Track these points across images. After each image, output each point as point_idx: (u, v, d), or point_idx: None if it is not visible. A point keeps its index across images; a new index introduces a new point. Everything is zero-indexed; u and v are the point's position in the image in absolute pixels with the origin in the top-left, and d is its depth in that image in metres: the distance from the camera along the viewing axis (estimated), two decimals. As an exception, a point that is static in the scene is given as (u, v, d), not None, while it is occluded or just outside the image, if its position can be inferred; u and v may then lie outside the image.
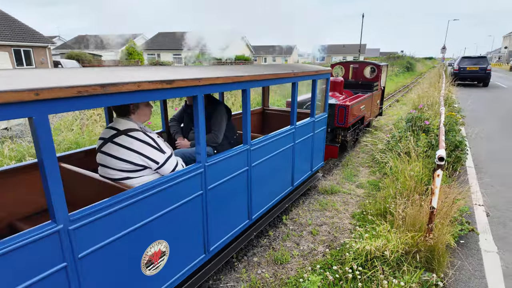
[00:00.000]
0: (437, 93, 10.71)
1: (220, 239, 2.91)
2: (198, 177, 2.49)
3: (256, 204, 3.41)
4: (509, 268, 3.28)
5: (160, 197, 2.16)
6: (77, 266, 1.72)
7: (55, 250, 1.61)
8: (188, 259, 2.55)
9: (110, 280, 1.94)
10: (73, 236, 1.67)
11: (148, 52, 42.30)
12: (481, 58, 21.62)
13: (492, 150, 7.28)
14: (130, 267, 2.05)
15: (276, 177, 3.77)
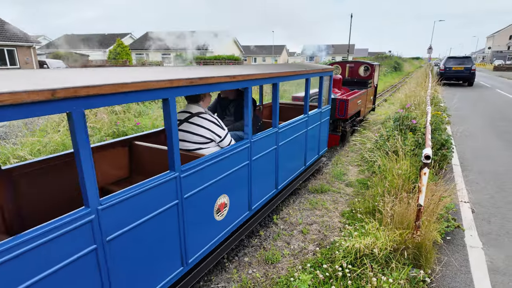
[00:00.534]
0: (424, 92, 10.91)
1: (259, 200, 3.73)
2: (246, 150, 3.25)
3: (281, 176, 4.20)
4: (494, 263, 3.37)
5: (223, 163, 2.90)
6: (183, 203, 2.46)
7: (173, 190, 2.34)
8: (240, 212, 3.37)
9: (199, 219, 2.71)
10: (180, 181, 2.37)
11: (137, 52, 41.78)
12: (466, 58, 22.11)
13: (477, 148, 7.47)
14: (208, 213, 2.83)
15: (294, 156, 4.57)
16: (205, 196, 2.73)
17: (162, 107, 2.22)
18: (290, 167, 4.47)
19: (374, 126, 9.34)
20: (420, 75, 21.77)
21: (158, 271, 2.34)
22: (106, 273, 1.91)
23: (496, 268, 3.28)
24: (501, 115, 11.54)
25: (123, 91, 1.81)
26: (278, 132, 3.83)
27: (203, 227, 2.78)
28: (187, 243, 2.58)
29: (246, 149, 3.24)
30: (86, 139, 1.67)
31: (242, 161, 3.22)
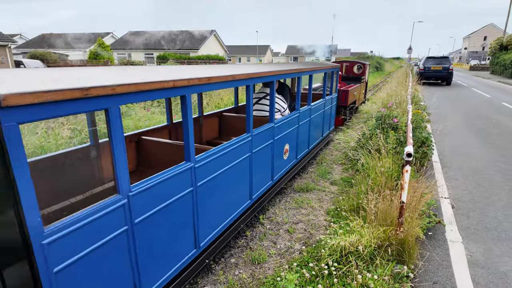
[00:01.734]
0: (405, 91, 11.17)
1: (302, 152, 5.64)
2: (296, 119, 5.05)
3: (311, 140, 6.05)
4: (473, 257, 3.48)
5: (285, 125, 4.62)
6: (252, 156, 3.62)
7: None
8: (292, 157, 5.17)
9: (270, 158, 4.23)
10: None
11: (119, 52, 40.90)
12: (444, 58, 22.81)
13: (455, 145, 7.71)
14: (281, 153, 4.61)
15: (318, 127, 6.48)
16: (280, 143, 4.47)
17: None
18: (315, 135, 6.40)
19: (357, 125, 9.49)
20: (401, 74, 22.30)
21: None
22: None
23: (475, 262, 3.39)
24: (477, 113, 11.97)
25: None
26: (311, 108, 5.77)
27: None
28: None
29: (296, 118, 5.06)
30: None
31: (294, 125, 4.99)
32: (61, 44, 40.95)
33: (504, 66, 31.13)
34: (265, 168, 4.17)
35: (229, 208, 3.39)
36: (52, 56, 31.17)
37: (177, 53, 37.73)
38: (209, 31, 42.01)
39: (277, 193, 5.14)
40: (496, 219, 4.27)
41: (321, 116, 6.56)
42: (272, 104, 4.11)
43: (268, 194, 4.41)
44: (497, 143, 7.88)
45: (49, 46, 39.46)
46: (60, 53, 35.14)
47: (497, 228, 4.05)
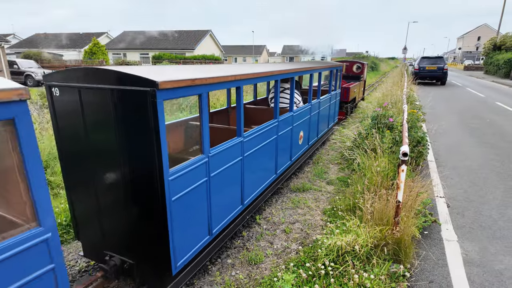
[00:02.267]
0: (400, 91, 11.23)
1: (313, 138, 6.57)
2: (308, 110, 5.91)
3: (320, 128, 7.06)
4: (468, 256, 3.50)
5: (300, 115, 5.45)
6: (277, 138, 4.57)
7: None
8: (305, 143, 6.00)
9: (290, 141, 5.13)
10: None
11: (114, 52, 40.64)
12: (438, 58, 22.98)
13: (450, 145, 7.76)
14: (297, 138, 5.49)
15: (323, 121, 7.30)
16: (296, 130, 5.37)
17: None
18: (323, 125, 7.33)
19: (353, 125, 9.52)
20: (396, 74, 22.43)
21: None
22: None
23: (470, 260, 3.41)
24: (472, 112, 12.06)
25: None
26: (311, 105, 6.16)
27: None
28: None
29: (308, 109, 5.93)
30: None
31: (307, 115, 5.87)
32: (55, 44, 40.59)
33: (497, 66, 31.44)
34: (286, 150, 5.09)
35: (263, 177, 4.36)
36: (46, 56, 30.89)
37: (173, 53, 37.57)
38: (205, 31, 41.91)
39: (273, 193, 5.14)
40: (491, 218, 4.30)
41: (327, 109, 7.55)
42: (292, 96, 5.03)
43: (287, 172, 5.36)
44: (491, 142, 7.95)
45: (43, 46, 39.09)
46: (54, 53, 34.83)
47: (492, 227, 4.08)
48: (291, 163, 5.35)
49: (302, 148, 5.84)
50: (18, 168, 1.58)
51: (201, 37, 40.50)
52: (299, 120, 5.44)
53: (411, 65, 37.69)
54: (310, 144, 6.39)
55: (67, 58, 35.64)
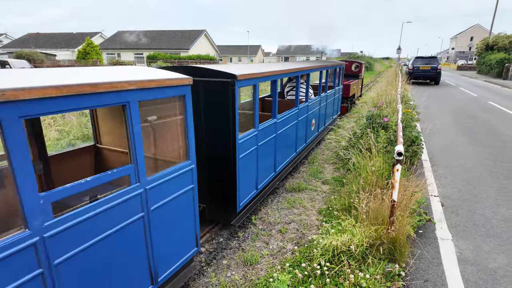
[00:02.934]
0: (394, 91, 11.29)
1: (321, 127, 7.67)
2: (318, 102, 7.06)
3: (327, 118, 8.26)
4: (463, 254, 3.52)
5: (313, 105, 6.68)
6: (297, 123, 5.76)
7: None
8: (315, 130, 7.11)
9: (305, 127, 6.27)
10: (298, 112, 5.61)
11: (108, 52, 40.33)
12: (432, 58, 23.17)
13: (444, 144, 7.82)
14: (310, 125, 6.62)
15: (329, 111, 8.49)
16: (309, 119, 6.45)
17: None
18: (328, 115, 8.53)
19: (348, 125, 9.55)
20: (390, 74, 22.55)
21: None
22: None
23: (465, 259, 3.43)
24: (465, 112, 12.18)
25: None
26: (327, 95, 7.85)
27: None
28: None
29: (318, 101, 7.05)
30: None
31: (317, 107, 6.94)
32: (49, 43, 40.19)
33: (490, 66, 31.80)
34: (303, 133, 6.25)
35: (287, 153, 5.40)
36: (39, 56, 30.53)
37: (168, 53, 37.41)
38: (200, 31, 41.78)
39: (269, 193, 5.13)
40: (484, 216, 4.33)
41: (332, 102, 8.79)
42: (307, 89, 6.17)
43: (303, 152, 6.51)
44: (484, 141, 8.02)
45: (36, 45, 38.67)
46: (47, 53, 34.46)
47: (486, 225, 4.11)
48: (306, 145, 6.56)
49: (313, 133, 7.10)
50: (181, 125, 2.72)
51: (196, 37, 40.38)
52: (312, 109, 6.66)
53: (405, 65, 37.97)
54: (319, 131, 7.65)
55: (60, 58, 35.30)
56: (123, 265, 2.18)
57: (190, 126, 2.70)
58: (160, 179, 2.42)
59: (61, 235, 1.73)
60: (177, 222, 2.71)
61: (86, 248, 1.88)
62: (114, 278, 2.12)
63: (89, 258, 1.91)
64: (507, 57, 29.50)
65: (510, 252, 3.54)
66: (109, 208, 2.00)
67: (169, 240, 2.63)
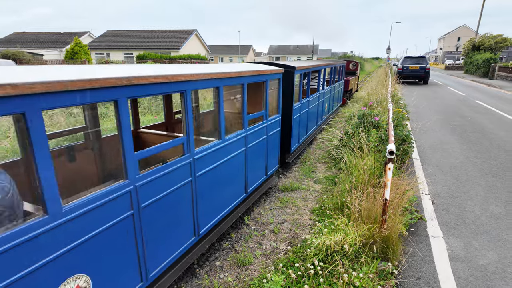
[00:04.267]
0: (385, 90, 11.40)
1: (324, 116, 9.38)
2: (329, 91, 9.56)
3: (329, 108, 9.95)
4: (454, 251, 3.56)
5: (325, 93, 8.87)
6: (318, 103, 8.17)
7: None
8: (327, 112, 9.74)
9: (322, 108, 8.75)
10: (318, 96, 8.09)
11: (96, 51, 39.73)
12: (420, 58, 23.51)
13: (434, 142, 7.92)
14: (324, 108, 9.04)
15: (335, 99, 10.87)
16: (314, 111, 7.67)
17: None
18: (335, 102, 10.67)
19: (339, 124, 9.60)
20: (380, 74, 22.78)
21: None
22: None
23: (456, 256, 3.47)
24: (454, 111, 12.37)
25: None
26: (334, 86, 10.20)
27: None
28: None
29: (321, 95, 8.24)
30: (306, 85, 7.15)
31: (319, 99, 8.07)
32: (35, 43, 39.37)
33: (476, 66, 32.43)
34: (321, 111, 8.51)
35: (311, 126, 7.56)
36: (25, 56, 29.86)
37: (158, 52, 37.04)
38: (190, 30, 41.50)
39: (263, 193, 5.11)
40: (474, 214, 4.39)
41: (337, 92, 11.25)
42: (319, 81, 7.91)
43: (318, 130, 8.71)
44: (472, 140, 8.16)
45: (22, 45, 37.83)
46: (34, 53, 33.75)
47: (475, 222, 4.17)
48: (321, 122, 8.95)
49: (326, 114, 9.50)
50: (277, 94, 4.98)
51: (186, 37, 40.08)
52: (325, 96, 8.79)
53: (394, 64, 38.46)
54: (329, 113, 10.20)
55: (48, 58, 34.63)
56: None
57: (281, 95, 5.04)
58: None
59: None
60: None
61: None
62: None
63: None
64: (493, 57, 30.15)
65: (499, 249, 3.59)
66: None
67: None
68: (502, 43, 32.67)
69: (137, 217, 2.28)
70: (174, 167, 2.63)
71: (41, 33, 42.66)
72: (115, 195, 2.08)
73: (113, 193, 2.06)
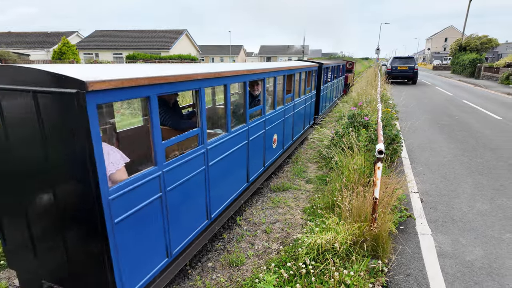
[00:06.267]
0: (374, 91, 11.55)
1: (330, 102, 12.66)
2: (336, 83, 13.75)
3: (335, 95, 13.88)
4: (442, 248, 3.63)
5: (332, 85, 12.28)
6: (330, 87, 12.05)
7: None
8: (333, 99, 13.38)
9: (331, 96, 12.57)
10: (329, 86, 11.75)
11: (85, 51, 39.13)
12: (409, 59, 23.89)
13: (422, 142, 8.07)
14: (332, 95, 12.68)
15: (337, 90, 14.28)
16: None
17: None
18: (337, 92, 14.25)
19: (330, 124, 9.68)
20: (370, 74, 23.06)
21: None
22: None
23: (444, 253, 3.54)
24: (441, 110, 12.61)
25: None
26: (339, 79, 14.37)
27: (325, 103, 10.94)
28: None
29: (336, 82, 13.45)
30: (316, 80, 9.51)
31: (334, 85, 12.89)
32: (21, 43, 38.56)
33: (463, 66, 33.10)
34: (331, 97, 12.22)
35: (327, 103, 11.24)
36: (11, 56, 29.22)
37: (148, 52, 36.70)
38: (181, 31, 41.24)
39: (253, 193, 5.12)
40: (461, 211, 4.49)
41: (339, 85, 14.38)
42: (332, 74, 11.26)
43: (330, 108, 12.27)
44: (459, 139, 8.34)
45: (7, 45, 37.01)
46: (20, 53, 33.05)
47: (462, 219, 4.26)
48: (333, 101, 12.72)
49: (333, 100, 12.76)
50: (314, 81, 8.69)
51: (176, 37, 39.81)
52: (335, 85, 12.46)
53: (384, 65, 38.97)
54: (334, 100, 13.18)
55: (35, 58, 33.96)
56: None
57: (319, 82, 8.98)
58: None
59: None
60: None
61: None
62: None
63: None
64: (478, 58, 30.82)
65: (485, 245, 3.68)
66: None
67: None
68: (487, 43, 33.43)
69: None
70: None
71: (28, 32, 41.81)
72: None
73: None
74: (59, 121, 1.90)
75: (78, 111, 1.76)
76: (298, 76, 6.72)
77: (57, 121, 1.91)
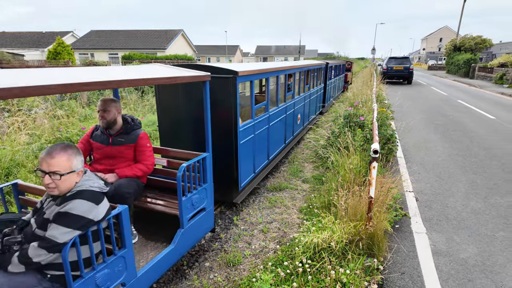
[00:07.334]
0: (370, 91, 11.63)
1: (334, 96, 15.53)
2: (336, 81, 15.18)
3: (338, 89, 16.77)
4: (436, 246, 3.68)
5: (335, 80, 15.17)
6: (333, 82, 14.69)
7: None
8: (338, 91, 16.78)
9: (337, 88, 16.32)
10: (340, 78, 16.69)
11: (80, 52, 38.90)
12: (404, 59, 24.07)
13: (417, 141, 8.14)
14: (337, 88, 16.09)
15: (338, 86, 16.54)
16: None
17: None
18: (340, 87, 17.03)
19: (326, 124, 9.73)
20: (366, 74, 23.20)
21: None
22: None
23: (438, 251, 3.59)
24: (436, 110, 12.72)
25: None
26: (340, 77, 16.85)
27: None
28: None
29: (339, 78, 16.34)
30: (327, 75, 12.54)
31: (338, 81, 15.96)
32: (15, 43, 38.25)
33: (458, 66, 33.38)
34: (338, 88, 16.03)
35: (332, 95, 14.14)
36: (5, 56, 28.97)
37: (144, 52, 36.58)
38: (177, 31, 41.14)
39: (250, 194, 5.15)
40: (455, 210, 4.55)
41: (340, 82, 16.41)
42: (335, 73, 13.68)
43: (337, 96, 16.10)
44: (454, 138, 8.42)
45: (2, 45, 36.69)
46: (14, 53, 32.77)
47: (457, 218, 4.32)
48: (335, 95, 14.91)
49: (338, 92, 15.81)
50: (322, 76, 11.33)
51: (172, 37, 39.72)
52: (337, 82, 14.76)
53: (379, 65, 39.20)
54: (338, 93, 15.78)
55: (29, 58, 33.68)
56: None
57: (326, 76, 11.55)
58: None
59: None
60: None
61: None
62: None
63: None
64: (473, 58, 31.10)
65: (479, 243, 3.74)
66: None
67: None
68: (481, 44, 33.76)
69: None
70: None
71: (22, 32, 41.48)
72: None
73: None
74: (225, 89, 3.97)
75: (233, 85, 3.94)
76: (313, 72, 9.07)
77: (223, 89, 3.97)
